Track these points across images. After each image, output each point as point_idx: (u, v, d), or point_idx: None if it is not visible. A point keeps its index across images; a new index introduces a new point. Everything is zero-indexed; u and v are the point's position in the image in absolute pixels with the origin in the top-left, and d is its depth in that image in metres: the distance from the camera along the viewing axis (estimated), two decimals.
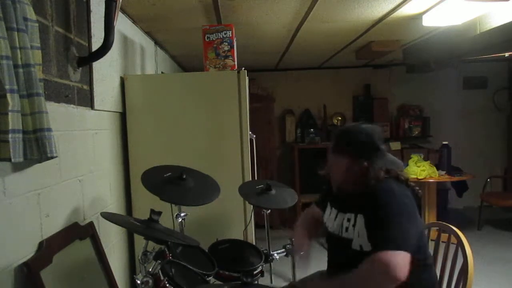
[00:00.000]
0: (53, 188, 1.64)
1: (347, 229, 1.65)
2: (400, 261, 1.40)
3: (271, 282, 2.27)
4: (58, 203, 1.68)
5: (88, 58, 1.95)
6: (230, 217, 2.54)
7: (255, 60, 4.84)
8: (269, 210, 2.34)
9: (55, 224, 1.64)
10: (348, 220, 1.67)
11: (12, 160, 1.22)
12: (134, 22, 2.86)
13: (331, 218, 1.77)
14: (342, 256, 1.69)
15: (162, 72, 3.77)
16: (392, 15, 2.94)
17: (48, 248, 1.52)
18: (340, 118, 5.98)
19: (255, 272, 2.06)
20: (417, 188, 1.67)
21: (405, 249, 1.43)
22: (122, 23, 2.59)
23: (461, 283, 1.70)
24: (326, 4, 2.61)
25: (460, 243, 1.77)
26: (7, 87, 1.18)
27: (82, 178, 1.91)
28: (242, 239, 2.48)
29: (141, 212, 2.30)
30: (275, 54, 4.56)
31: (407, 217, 1.52)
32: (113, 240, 2.28)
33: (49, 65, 1.62)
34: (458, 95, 5.91)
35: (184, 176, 1.99)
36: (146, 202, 2.02)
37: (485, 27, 3.09)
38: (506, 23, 2.84)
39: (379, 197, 1.55)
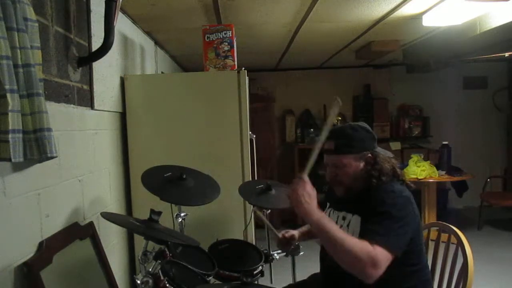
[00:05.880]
0: (53, 188, 1.64)
1: (340, 227, 1.65)
2: (382, 258, 1.40)
3: (271, 282, 2.26)
4: (58, 203, 1.68)
5: (88, 58, 1.95)
6: (230, 217, 2.54)
7: (255, 60, 4.84)
8: (269, 210, 2.33)
9: (55, 224, 1.64)
10: (343, 218, 1.66)
11: (12, 160, 1.22)
12: (134, 22, 2.86)
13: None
14: None
15: (162, 72, 3.77)
16: (392, 15, 2.94)
17: (48, 248, 1.52)
18: (340, 118, 5.97)
19: (255, 272, 2.06)
20: (412, 185, 1.68)
21: (391, 248, 1.43)
22: (122, 23, 2.59)
23: (461, 283, 1.70)
24: (326, 4, 2.61)
25: (460, 243, 1.77)
26: (7, 87, 1.18)
27: (82, 178, 1.91)
28: (242, 239, 2.48)
29: (141, 212, 2.30)
30: (275, 54, 4.56)
31: (403, 221, 1.50)
32: (113, 240, 2.28)
33: (49, 65, 1.62)
34: (458, 95, 5.91)
35: (184, 176, 1.99)
36: (146, 202, 2.02)
37: (485, 27, 3.09)
38: (506, 23, 2.84)
39: (379, 198, 1.55)
